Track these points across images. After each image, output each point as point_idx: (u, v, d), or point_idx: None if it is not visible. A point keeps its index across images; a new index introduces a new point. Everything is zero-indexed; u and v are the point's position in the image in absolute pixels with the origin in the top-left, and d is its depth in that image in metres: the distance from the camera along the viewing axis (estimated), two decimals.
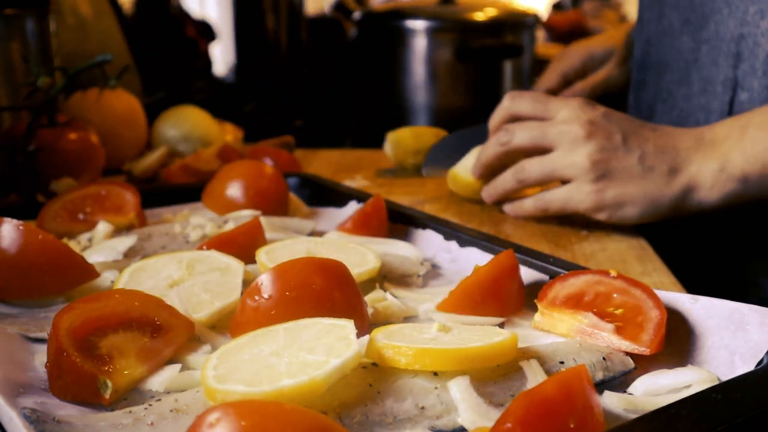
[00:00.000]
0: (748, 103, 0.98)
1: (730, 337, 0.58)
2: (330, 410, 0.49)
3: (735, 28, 0.99)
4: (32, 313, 0.68)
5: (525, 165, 0.99)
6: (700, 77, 1.05)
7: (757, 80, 0.97)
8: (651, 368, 0.58)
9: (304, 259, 0.63)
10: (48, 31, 1.16)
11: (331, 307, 0.59)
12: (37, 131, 1.01)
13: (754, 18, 0.97)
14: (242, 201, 0.92)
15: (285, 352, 0.51)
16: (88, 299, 0.58)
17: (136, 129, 1.25)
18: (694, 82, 1.06)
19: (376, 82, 1.88)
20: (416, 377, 0.52)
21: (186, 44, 1.83)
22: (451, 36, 1.77)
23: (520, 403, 0.43)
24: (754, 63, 0.97)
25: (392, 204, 0.91)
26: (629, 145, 0.93)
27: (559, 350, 0.58)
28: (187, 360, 0.59)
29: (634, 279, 0.63)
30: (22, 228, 0.70)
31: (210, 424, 0.39)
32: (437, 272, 0.80)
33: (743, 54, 0.98)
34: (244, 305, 0.60)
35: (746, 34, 0.97)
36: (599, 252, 0.92)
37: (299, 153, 1.40)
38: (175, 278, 0.68)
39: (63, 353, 0.53)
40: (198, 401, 0.51)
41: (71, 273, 0.71)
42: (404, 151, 1.29)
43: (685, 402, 0.45)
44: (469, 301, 0.66)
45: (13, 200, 1.02)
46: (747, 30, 0.97)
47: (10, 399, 0.51)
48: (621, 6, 4.23)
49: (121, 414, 0.50)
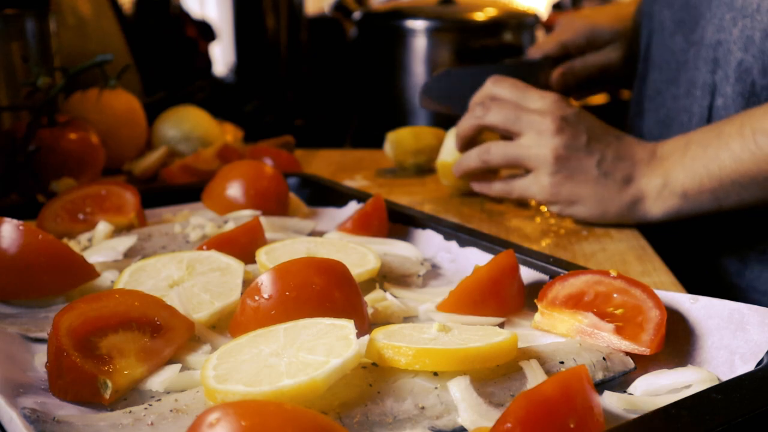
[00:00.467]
0: (724, 110, 0.99)
1: (730, 337, 0.58)
2: (330, 410, 0.49)
3: (713, 34, 0.99)
4: (32, 313, 0.68)
5: (491, 147, 1.02)
6: (686, 79, 1.05)
7: (731, 87, 0.98)
8: (651, 368, 0.58)
9: (304, 259, 0.63)
10: (48, 31, 1.16)
11: (331, 307, 0.59)
12: (37, 131, 1.01)
13: (728, 25, 0.97)
14: (242, 201, 0.92)
15: (285, 352, 0.51)
16: (88, 299, 0.58)
17: (136, 129, 1.25)
18: (681, 84, 1.07)
19: (376, 82, 1.87)
20: (416, 377, 0.52)
21: (186, 44, 1.83)
22: (451, 36, 1.77)
23: (520, 403, 0.43)
24: (728, 70, 0.98)
25: (392, 204, 0.91)
26: (591, 147, 0.96)
27: (559, 350, 0.58)
28: (187, 360, 0.58)
29: (634, 279, 0.63)
30: (22, 228, 0.70)
31: (210, 424, 0.39)
32: (437, 272, 0.80)
33: (720, 60, 0.99)
34: (244, 305, 0.60)
35: (722, 41, 0.98)
36: (599, 252, 0.92)
37: (299, 153, 1.40)
38: (175, 278, 0.68)
39: (63, 353, 0.53)
40: (198, 401, 0.51)
41: (71, 273, 0.71)
42: (404, 151, 1.29)
43: (685, 402, 0.45)
44: (469, 301, 0.66)
45: (13, 200, 1.02)
46: (723, 36, 0.98)
47: (10, 399, 0.51)
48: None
49: (121, 414, 0.50)
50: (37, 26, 1.13)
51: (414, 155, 1.29)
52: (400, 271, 0.77)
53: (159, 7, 1.78)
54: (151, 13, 1.76)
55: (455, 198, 1.14)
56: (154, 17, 1.76)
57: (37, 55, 1.13)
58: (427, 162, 1.30)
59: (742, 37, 0.95)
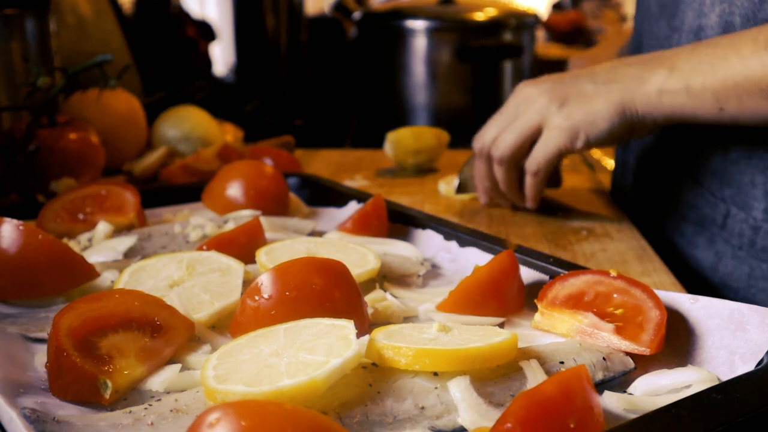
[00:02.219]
0: None
1: (730, 337, 0.58)
2: (330, 410, 0.49)
3: (693, 19, 0.99)
4: (32, 313, 0.68)
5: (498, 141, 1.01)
6: None
7: None
8: (651, 368, 0.58)
9: (304, 259, 0.63)
10: (48, 31, 1.16)
11: (331, 307, 0.59)
12: (37, 131, 1.01)
13: (708, 10, 0.96)
14: (242, 201, 0.92)
15: (285, 353, 0.51)
16: (88, 299, 0.58)
17: (136, 129, 1.25)
18: None
19: (376, 82, 1.88)
20: (416, 377, 0.52)
21: (186, 44, 1.84)
22: (451, 36, 1.77)
23: (520, 403, 0.43)
24: None
25: (392, 204, 0.91)
26: (576, 74, 0.99)
27: (559, 350, 0.58)
28: (187, 360, 0.58)
29: (634, 279, 0.63)
30: (22, 228, 0.70)
31: (210, 424, 0.39)
32: (437, 272, 0.80)
33: None
34: (244, 305, 0.60)
35: (703, 26, 0.97)
36: (599, 252, 0.92)
37: (299, 153, 1.40)
38: (175, 278, 0.68)
39: (63, 353, 0.53)
40: (198, 401, 0.51)
41: (71, 273, 0.71)
42: (404, 151, 1.29)
43: (685, 402, 0.45)
44: (469, 301, 0.66)
45: (13, 200, 1.02)
46: (703, 22, 0.97)
47: (10, 399, 0.51)
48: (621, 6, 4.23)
49: (121, 414, 0.50)
50: (37, 26, 1.13)
51: (414, 155, 1.29)
52: (400, 271, 0.77)
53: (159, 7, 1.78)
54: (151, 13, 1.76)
55: (455, 198, 1.14)
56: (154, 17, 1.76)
57: (37, 55, 1.13)
58: (427, 162, 1.30)
59: (721, 23, 0.94)
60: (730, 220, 0.96)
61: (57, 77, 1.09)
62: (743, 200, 0.94)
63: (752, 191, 0.93)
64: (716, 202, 0.97)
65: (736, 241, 0.96)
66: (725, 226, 0.97)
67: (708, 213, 0.99)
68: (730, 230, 0.96)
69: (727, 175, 0.96)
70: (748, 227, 0.94)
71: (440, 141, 1.32)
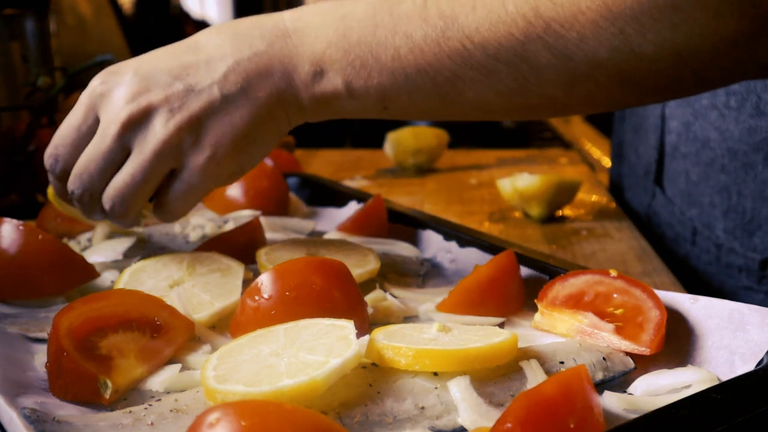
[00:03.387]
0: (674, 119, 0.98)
1: (730, 337, 0.58)
2: (330, 410, 0.49)
3: None
4: (32, 313, 0.68)
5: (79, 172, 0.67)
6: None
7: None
8: (651, 368, 0.58)
9: (304, 259, 0.63)
10: (48, 31, 1.16)
11: (331, 307, 0.59)
12: (37, 131, 1.01)
13: None
14: (242, 201, 0.92)
15: (285, 353, 0.51)
16: (88, 299, 0.58)
17: None
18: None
19: None
20: (416, 377, 0.52)
21: None
22: None
23: (520, 403, 0.43)
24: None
25: (392, 204, 0.91)
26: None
27: (559, 350, 0.58)
28: (187, 360, 0.58)
29: (634, 279, 0.63)
30: (22, 228, 0.70)
31: (210, 424, 0.39)
32: (437, 272, 0.80)
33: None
34: (244, 305, 0.60)
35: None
36: (599, 252, 0.92)
37: (299, 153, 1.40)
38: (175, 278, 0.68)
39: (63, 353, 0.53)
40: (198, 401, 0.51)
41: (71, 273, 0.71)
42: (404, 151, 1.29)
43: (685, 402, 0.45)
44: (469, 301, 0.66)
45: (13, 200, 1.02)
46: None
47: (10, 399, 0.51)
48: None
49: (121, 414, 0.50)
50: (37, 26, 1.13)
51: (414, 155, 1.29)
52: (400, 272, 0.77)
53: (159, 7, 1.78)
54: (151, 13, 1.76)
55: (455, 198, 1.14)
56: (154, 17, 1.76)
57: (37, 55, 1.13)
58: (427, 162, 1.30)
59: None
60: (698, 237, 0.97)
61: (57, 77, 1.09)
62: (706, 220, 0.95)
63: (713, 212, 0.94)
64: (685, 221, 0.99)
65: (705, 257, 0.97)
66: (695, 243, 0.98)
67: (680, 231, 1.01)
68: (700, 247, 0.98)
69: (691, 196, 0.97)
70: (712, 245, 0.95)
71: (440, 141, 1.32)
